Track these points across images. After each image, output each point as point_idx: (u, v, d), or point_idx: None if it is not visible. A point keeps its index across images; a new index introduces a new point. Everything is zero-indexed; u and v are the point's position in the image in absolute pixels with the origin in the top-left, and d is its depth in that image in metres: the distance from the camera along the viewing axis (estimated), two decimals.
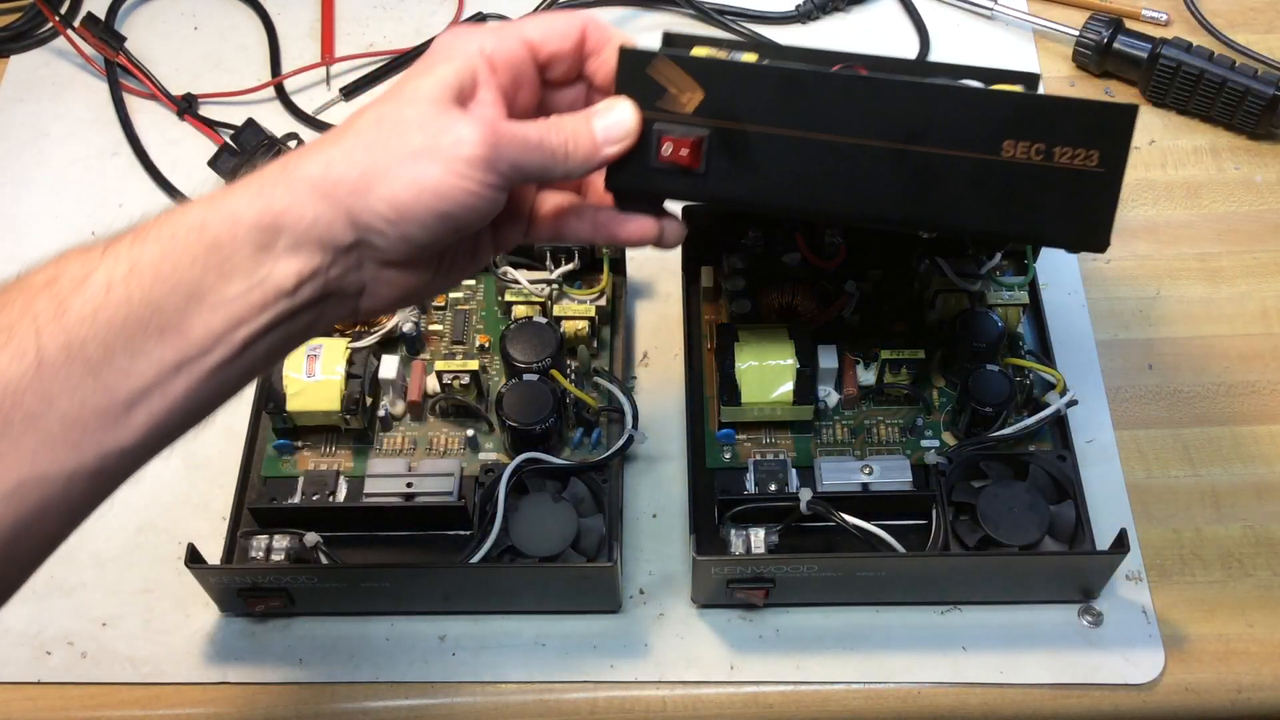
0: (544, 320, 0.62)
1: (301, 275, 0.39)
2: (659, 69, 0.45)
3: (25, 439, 0.35)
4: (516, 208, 0.48)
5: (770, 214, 0.59)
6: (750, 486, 0.59)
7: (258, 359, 0.40)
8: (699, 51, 0.51)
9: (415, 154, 0.40)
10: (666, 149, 0.46)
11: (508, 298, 0.65)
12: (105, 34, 0.81)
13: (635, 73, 0.45)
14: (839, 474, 0.59)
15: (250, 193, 0.39)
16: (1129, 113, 0.45)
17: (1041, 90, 0.80)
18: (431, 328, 0.67)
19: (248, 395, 0.63)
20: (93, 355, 0.36)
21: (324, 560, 0.57)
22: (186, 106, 0.79)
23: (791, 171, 0.46)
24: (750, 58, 0.52)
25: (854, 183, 0.46)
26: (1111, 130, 0.45)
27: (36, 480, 0.36)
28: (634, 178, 0.46)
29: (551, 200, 0.49)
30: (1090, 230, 0.47)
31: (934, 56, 0.83)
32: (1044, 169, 0.45)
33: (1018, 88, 0.51)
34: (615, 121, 0.45)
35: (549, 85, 0.48)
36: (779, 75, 0.46)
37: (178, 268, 0.38)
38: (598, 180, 0.48)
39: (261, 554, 0.57)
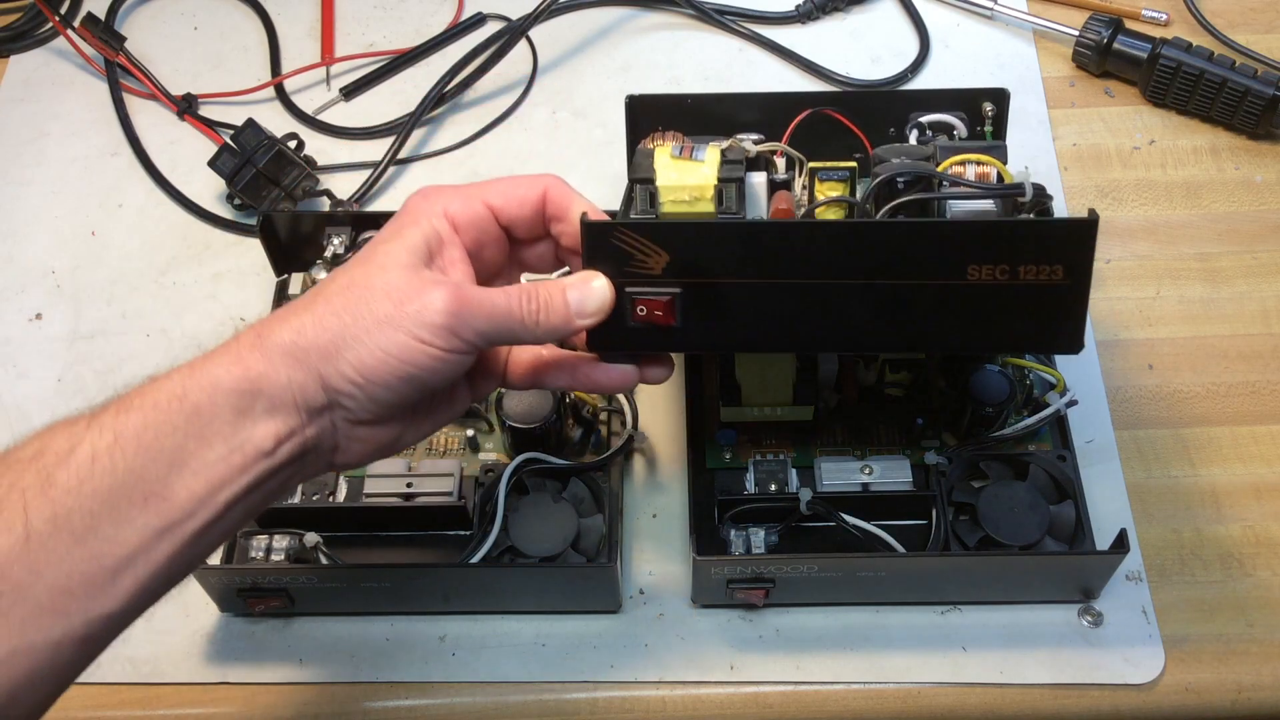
0: None
1: (280, 436, 0.41)
2: (623, 237, 0.46)
3: (14, 610, 0.36)
4: (490, 362, 0.50)
5: (751, 352, 0.60)
6: (750, 486, 0.59)
7: (237, 518, 0.42)
8: (660, 155, 0.53)
9: (381, 321, 0.42)
10: (641, 310, 0.47)
11: None
12: (105, 34, 0.81)
13: (601, 243, 0.46)
14: (839, 474, 0.59)
15: (228, 359, 0.41)
16: (1089, 227, 0.45)
17: (1039, 82, 0.80)
18: None
19: None
20: (79, 525, 0.37)
21: (324, 560, 0.57)
22: (186, 106, 0.79)
23: (765, 315, 0.47)
24: (713, 153, 0.54)
25: (826, 319, 0.47)
26: (1074, 244, 0.45)
27: (25, 650, 0.36)
28: (613, 339, 0.48)
29: (528, 352, 0.50)
30: (1062, 338, 0.47)
31: (934, 57, 0.83)
32: (1010, 288, 0.46)
33: (987, 205, 0.52)
34: (589, 296, 0.46)
35: (516, 242, 0.49)
36: (738, 230, 0.47)
37: (160, 436, 0.39)
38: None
39: (261, 554, 0.57)
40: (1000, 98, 0.64)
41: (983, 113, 0.64)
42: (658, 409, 0.65)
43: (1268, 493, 0.63)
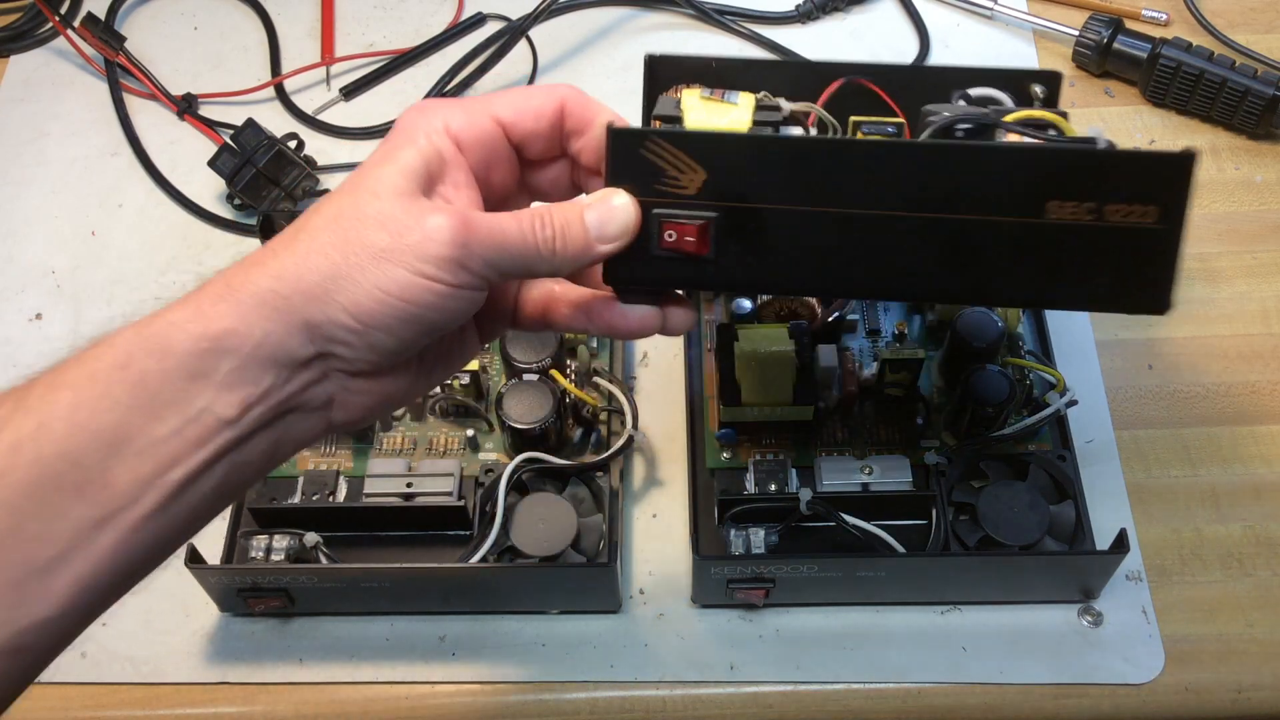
0: None
1: (248, 400, 0.36)
2: (654, 149, 0.40)
3: None
4: (499, 300, 0.45)
5: (791, 294, 0.55)
6: (750, 486, 0.59)
7: (204, 497, 0.36)
8: (689, 95, 0.47)
9: (378, 255, 0.37)
10: (670, 236, 0.41)
11: None
12: (105, 34, 0.81)
13: (628, 155, 0.40)
14: (839, 474, 0.59)
15: (186, 315, 0.36)
16: (1187, 161, 0.40)
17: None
18: None
19: None
20: (3, 522, 0.33)
21: (324, 560, 0.57)
22: (186, 106, 0.79)
23: (811, 250, 0.41)
24: (747, 97, 0.48)
25: (881, 258, 0.41)
26: (1170, 181, 0.40)
27: None
28: (635, 269, 0.42)
29: (540, 289, 0.45)
30: (1149, 293, 0.41)
31: (934, 57, 0.83)
32: (1095, 229, 0.40)
33: (1039, 139, 0.46)
34: (610, 217, 0.41)
35: (527, 164, 0.44)
36: (789, 146, 0.42)
37: (95, 414, 0.34)
38: (594, 267, 0.43)
39: (261, 554, 0.57)
40: (1053, 80, 0.57)
41: (1031, 95, 0.59)
42: (658, 409, 0.65)
43: (1268, 493, 0.63)
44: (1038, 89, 0.58)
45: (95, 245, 0.75)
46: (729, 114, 0.48)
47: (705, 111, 0.48)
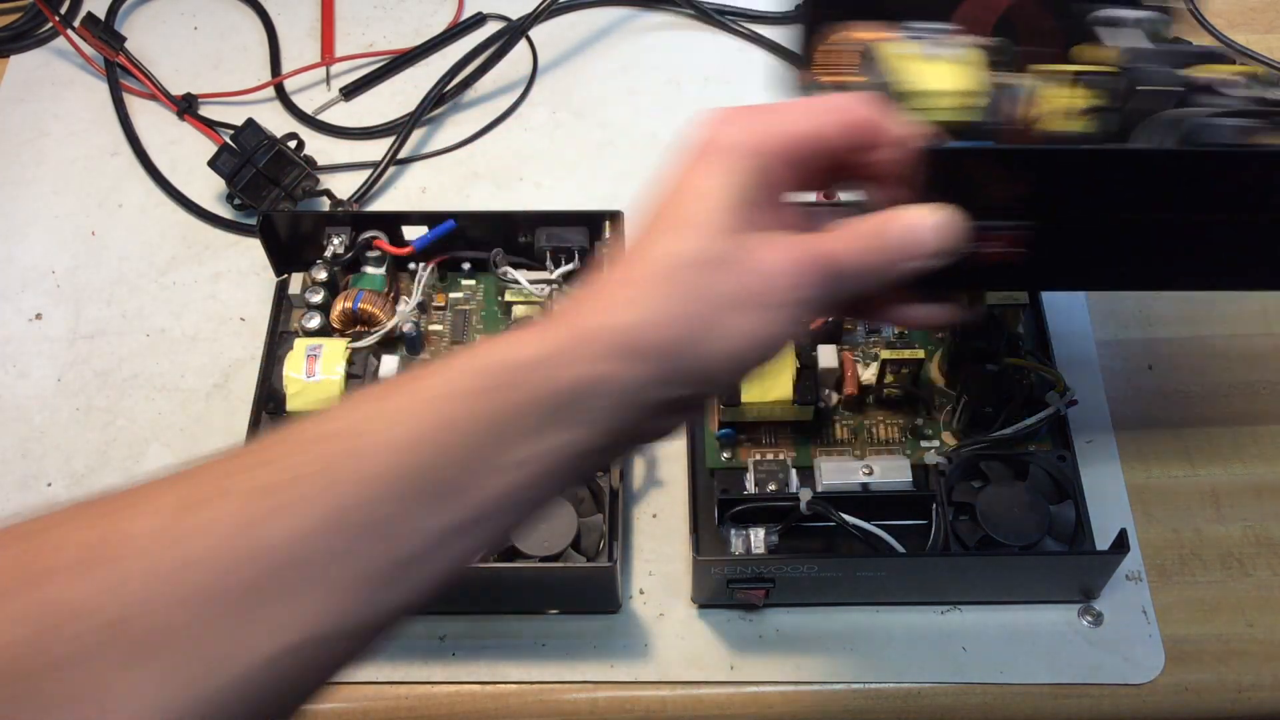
0: None
1: (597, 441, 0.36)
2: (972, 165, 0.41)
3: (310, 594, 0.32)
4: None
5: (1091, 289, 0.58)
6: (750, 486, 0.59)
7: (550, 496, 0.38)
8: (894, 54, 0.45)
9: (732, 304, 0.36)
10: (988, 246, 0.42)
11: (508, 298, 0.65)
12: (105, 34, 0.81)
13: (945, 171, 0.41)
14: (839, 474, 0.59)
15: (537, 353, 0.35)
16: None
17: None
18: (432, 328, 0.67)
19: (247, 396, 0.63)
20: (370, 517, 0.33)
21: None
22: (186, 106, 0.79)
23: (1119, 253, 0.44)
24: (971, 52, 0.46)
25: (1177, 256, 0.44)
26: None
27: (316, 640, 0.33)
28: (951, 278, 0.41)
29: None
30: None
31: None
32: None
33: None
34: (934, 232, 0.40)
35: (812, 176, 0.42)
36: (1105, 157, 0.43)
37: (456, 434, 0.35)
38: None
39: None
40: None
41: None
42: None
43: (1268, 493, 0.63)
44: None
45: (95, 245, 0.75)
46: (957, 75, 0.45)
47: (933, 76, 0.45)
